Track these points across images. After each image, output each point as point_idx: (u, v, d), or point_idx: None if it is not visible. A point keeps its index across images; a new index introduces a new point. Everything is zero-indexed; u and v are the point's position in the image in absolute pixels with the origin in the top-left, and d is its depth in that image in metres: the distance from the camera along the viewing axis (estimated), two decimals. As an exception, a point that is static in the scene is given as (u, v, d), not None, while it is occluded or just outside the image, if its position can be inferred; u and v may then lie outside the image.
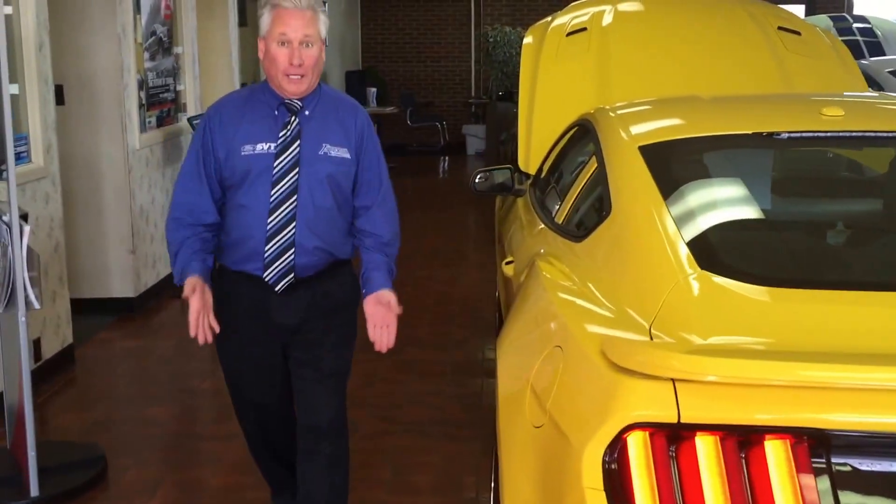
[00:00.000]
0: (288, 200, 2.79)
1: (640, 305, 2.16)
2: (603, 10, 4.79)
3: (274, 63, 2.75)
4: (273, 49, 2.74)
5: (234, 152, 2.80)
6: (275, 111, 2.81)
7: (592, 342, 2.03)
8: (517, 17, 14.65)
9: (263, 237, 2.80)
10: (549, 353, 2.20)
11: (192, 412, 4.62)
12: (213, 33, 8.20)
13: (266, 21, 2.76)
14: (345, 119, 2.90)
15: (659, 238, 2.37)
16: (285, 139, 2.80)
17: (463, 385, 4.82)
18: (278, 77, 2.75)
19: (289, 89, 2.77)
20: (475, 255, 7.76)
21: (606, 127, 3.15)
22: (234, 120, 2.82)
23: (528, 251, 3.33)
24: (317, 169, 2.82)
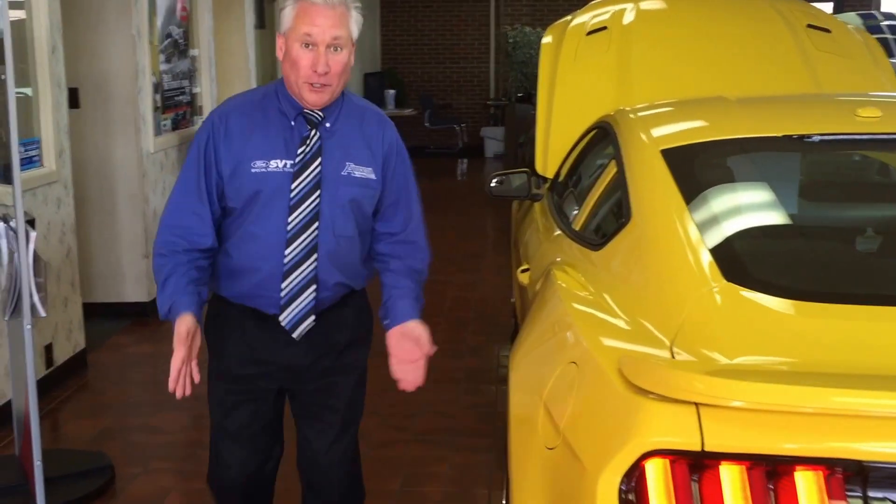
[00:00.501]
0: (309, 228, 2.34)
1: (661, 319, 2.03)
2: (624, 8, 4.65)
3: (295, 67, 2.30)
4: (295, 51, 2.28)
5: (243, 169, 2.33)
6: (292, 122, 2.37)
7: (609, 359, 1.89)
8: (537, 17, 14.48)
9: (278, 272, 2.36)
10: (564, 369, 2.07)
11: (202, 420, 4.48)
12: (230, 35, 8.11)
13: (289, 16, 2.31)
14: (371, 133, 2.46)
15: (681, 247, 2.23)
16: (304, 156, 2.34)
17: (477, 393, 4.68)
18: (298, 84, 2.31)
19: (309, 99, 2.33)
20: (493, 258, 7.62)
21: (627, 129, 3.01)
22: (244, 129, 2.35)
23: (544, 258, 3.19)
24: (339, 192, 2.38)
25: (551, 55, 4.63)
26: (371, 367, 4.98)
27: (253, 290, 2.41)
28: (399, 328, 2.49)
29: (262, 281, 2.38)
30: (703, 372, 1.64)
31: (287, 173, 2.34)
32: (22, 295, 3.43)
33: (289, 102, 2.37)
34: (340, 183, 2.38)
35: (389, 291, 2.53)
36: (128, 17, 5.81)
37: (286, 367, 2.49)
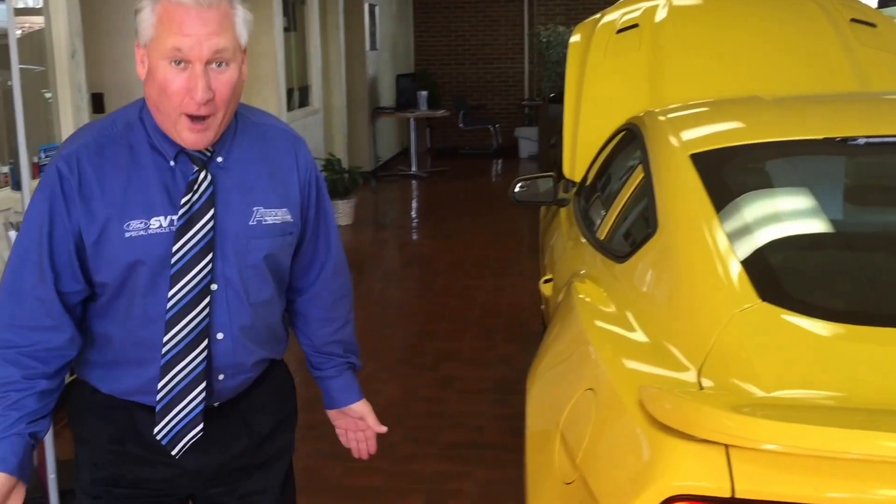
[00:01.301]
0: (194, 308, 1.72)
1: (687, 342, 1.83)
2: (656, 5, 4.44)
3: (164, 95, 1.63)
4: (161, 71, 1.62)
5: (113, 233, 1.68)
6: (171, 161, 1.71)
7: (628, 388, 1.70)
8: (571, 16, 14.23)
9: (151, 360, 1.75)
10: (581, 395, 1.88)
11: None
12: (258, 38, 7.98)
13: (147, 20, 1.63)
14: (281, 160, 1.84)
15: (710, 261, 2.03)
16: (190, 207, 1.70)
17: (505, 405, 4.49)
18: (171, 118, 1.66)
19: (188, 142, 1.68)
20: (526, 263, 7.41)
21: (654, 132, 2.81)
22: (106, 179, 1.68)
23: (566, 268, 3.00)
24: (250, 248, 1.76)
25: (580, 54, 4.43)
26: (398, 378, 4.86)
27: (143, 386, 1.77)
28: (339, 411, 2.17)
29: (155, 376, 1.75)
30: (735, 410, 1.44)
31: (173, 233, 1.70)
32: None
33: (162, 137, 1.71)
34: (250, 237, 1.77)
35: (318, 369, 2.11)
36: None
37: (194, 471, 1.88)
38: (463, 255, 7.68)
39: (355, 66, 11.45)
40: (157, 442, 1.79)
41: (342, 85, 10.77)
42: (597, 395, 1.81)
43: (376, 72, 12.40)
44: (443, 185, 11.62)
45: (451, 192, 11.14)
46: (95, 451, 1.86)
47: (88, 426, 1.86)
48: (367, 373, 5.07)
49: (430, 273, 7.21)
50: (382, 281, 7.09)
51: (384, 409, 4.53)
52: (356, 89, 11.53)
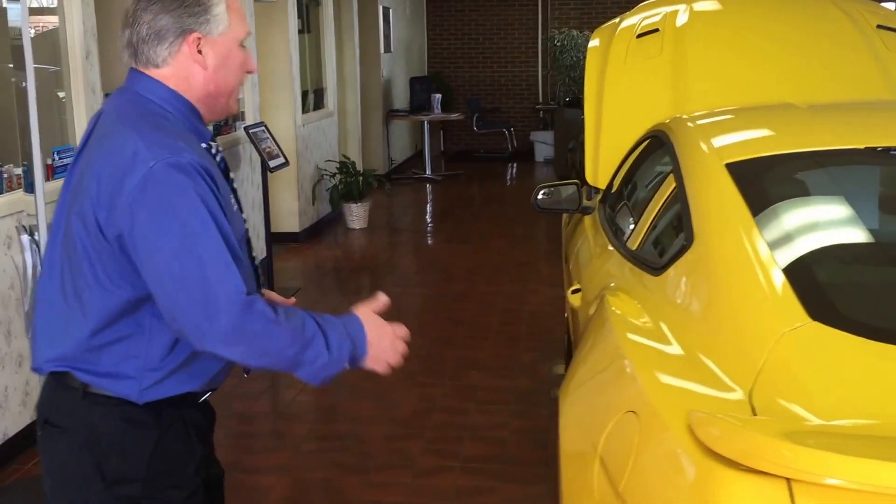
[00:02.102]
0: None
1: (734, 363, 1.74)
2: (677, 9, 4.34)
3: (239, 73, 1.84)
4: (236, 54, 1.82)
5: (230, 209, 1.81)
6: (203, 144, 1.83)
7: (675, 413, 1.62)
8: (585, 20, 14.15)
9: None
10: (622, 418, 1.79)
11: (242, 439, 4.29)
12: (273, 40, 7.93)
13: (224, 15, 1.78)
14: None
15: (753, 276, 1.94)
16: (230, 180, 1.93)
17: (528, 417, 4.40)
18: (234, 92, 1.87)
19: (235, 108, 1.92)
20: (545, 269, 7.33)
21: (685, 140, 2.73)
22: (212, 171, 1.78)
23: (596, 279, 2.92)
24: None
25: (599, 59, 4.34)
26: (418, 386, 4.77)
27: (219, 365, 1.88)
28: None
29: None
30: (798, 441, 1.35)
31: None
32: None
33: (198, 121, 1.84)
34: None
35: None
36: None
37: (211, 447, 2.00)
38: (480, 261, 7.59)
39: (369, 68, 11.38)
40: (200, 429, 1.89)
41: (356, 87, 10.71)
42: (639, 419, 1.72)
43: (390, 74, 12.33)
44: (457, 188, 11.54)
45: (466, 196, 11.06)
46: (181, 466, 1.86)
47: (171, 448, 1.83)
48: (387, 382, 4.98)
49: (447, 279, 7.12)
50: (399, 286, 7.01)
51: (403, 421, 4.48)
52: (370, 92, 11.46)
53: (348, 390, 4.80)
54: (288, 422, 4.44)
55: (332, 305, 6.45)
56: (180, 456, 1.84)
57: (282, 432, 4.30)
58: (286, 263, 7.52)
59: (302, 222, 8.32)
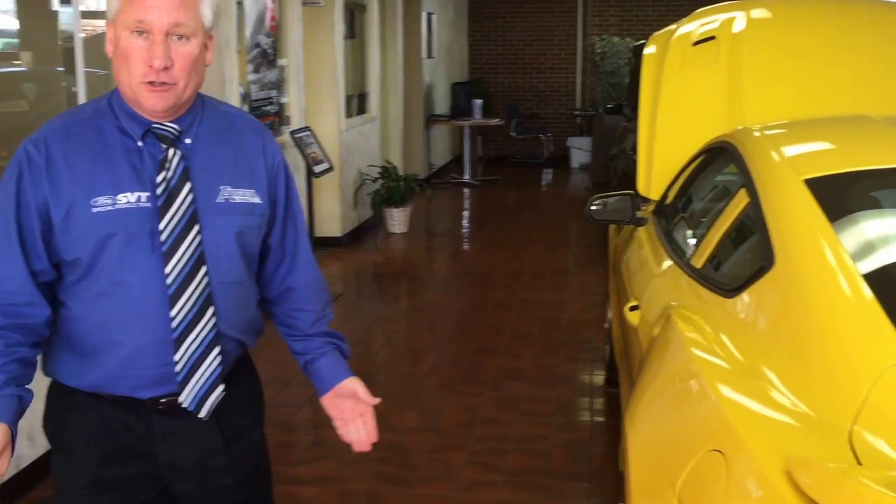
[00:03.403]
0: (196, 275, 1.73)
1: (830, 400, 1.56)
2: (734, 16, 4.14)
3: (126, 62, 1.65)
4: (125, 41, 1.65)
5: (80, 209, 1.67)
6: (138, 142, 1.72)
7: (771, 457, 1.44)
8: (625, 27, 13.93)
9: (159, 340, 1.72)
10: (705, 457, 1.62)
11: (283, 448, 4.14)
12: (320, 44, 7.80)
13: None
14: (248, 146, 1.84)
15: (845, 304, 1.76)
16: (167, 183, 1.71)
17: (570, 429, 4.22)
18: (132, 86, 1.67)
19: (147, 103, 1.68)
20: (583, 276, 7.13)
21: (757, 153, 2.54)
22: (73, 159, 1.69)
23: (658, 296, 2.74)
24: (218, 225, 1.76)
25: (654, 67, 4.14)
26: (460, 396, 4.61)
27: (116, 370, 1.73)
28: (330, 394, 1.99)
29: (130, 356, 1.72)
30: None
31: (144, 208, 1.70)
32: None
33: (130, 116, 1.72)
34: (216, 213, 1.76)
35: (304, 355, 2.00)
36: (216, 28, 5.51)
37: (167, 465, 1.83)
38: (519, 267, 7.41)
39: (412, 73, 11.24)
40: (131, 438, 1.80)
41: (399, 92, 10.57)
42: (727, 460, 1.54)
43: (432, 79, 12.18)
44: (496, 193, 11.36)
45: (504, 202, 10.88)
46: (79, 456, 1.83)
47: (69, 430, 1.83)
48: (428, 390, 4.85)
49: (487, 285, 6.95)
50: (440, 292, 6.85)
51: (446, 431, 4.32)
52: (412, 97, 11.32)
53: (389, 399, 4.64)
54: (330, 431, 4.20)
55: (372, 310, 6.31)
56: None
57: (324, 441, 4.15)
58: (328, 268, 7.38)
59: (344, 227, 8.19)
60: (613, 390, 4.60)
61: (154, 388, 1.76)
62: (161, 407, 1.78)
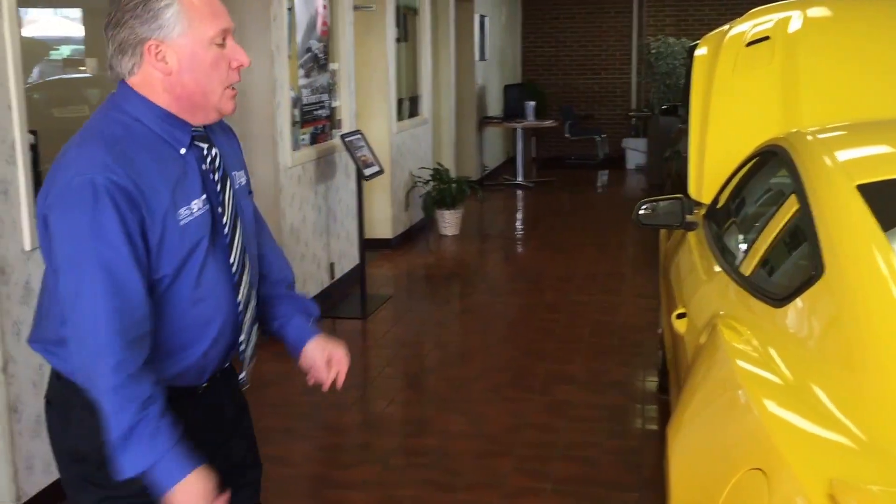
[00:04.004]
0: (245, 263, 1.86)
1: (879, 420, 1.49)
2: (789, 15, 4.02)
3: (216, 71, 1.72)
4: (210, 54, 1.71)
5: (171, 226, 1.70)
6: (182, 150, 1.76)
7: (814, 478, 1.37)
8: (682, 27, 13.73)
9: (233, 325, 1.84)
10: (745, 476, 1.55)
11: (329, 451, 4.15)
12: (371, 48, 7.81)
13: (176, 18, 1.69)
14: (231, 139, 1.97)
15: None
16: (219, 176, 1.82)
17: (621, 436, 4.14)
18: (218, 92, 1.74)
19: (228, 109, 1.77)
20: (637, 279, 7.03)
21: (808, 157, 2.45)
22: (143, 179, 1.67)
23: (705, 304, 2.66)
24: (245, 208, 1.90)
25: (706, 68, 4.05)
26: (507, 401, 4.56)
27: (196, 361, 1.80)
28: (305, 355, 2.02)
29: (212, 346, 1.81)
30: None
31: (207, 210, 1.77)
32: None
33: (171, 127, 1.75)
34: (242, 197, 1.90)
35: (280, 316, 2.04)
36: (267, 33, 5.56)
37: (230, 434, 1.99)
38: (571, 270, 7.34)
39: (464, 75, 11.21)
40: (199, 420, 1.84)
41: (451, 95, 10.54)
42: (769, 480, 1.48)
43: (485, 82, 12.14)
44: (549, 195, 11.27)
45: (557, 203, 10.79)
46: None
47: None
48: (475, 394, 4.81)
49: (537, 288, 6.89)
50: (489, 295, 6.81)
51: (493, 437, 4.27)
52: (464, 99, 11.29)
53: (437, 402, 4.62)
54: (377, 434, 4.27)
55: (422, 312, 6.29)
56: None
57: (371, 445, 4.14)
58: (378, 270, 7.39)
59: (395, 229, 8.19)
60: (666, 397, 4.51)
61: (213, 371, 1.86)
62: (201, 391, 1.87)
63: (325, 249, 6.52)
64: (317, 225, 6.35)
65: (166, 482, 1.64)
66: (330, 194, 6.60)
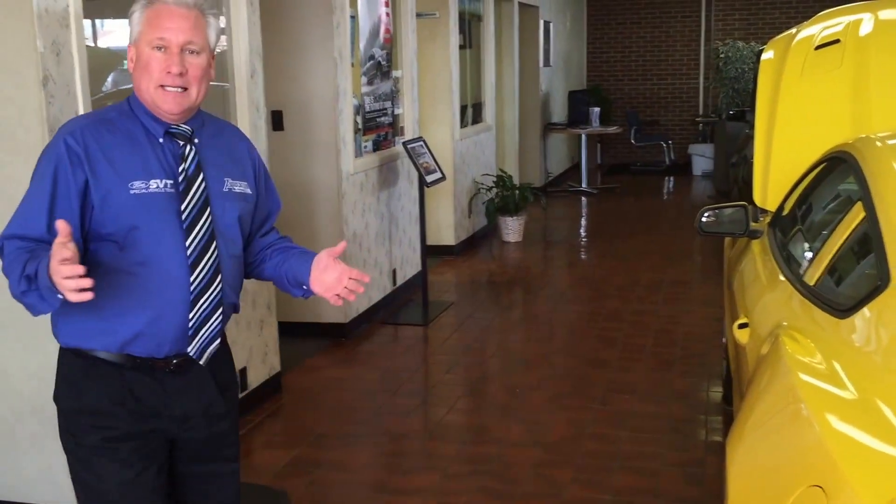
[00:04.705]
0: (209, 250, 2.09)
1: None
2: (860, 18, 3.92)
3: (146, 71, 2.02)
4: (146, 54, 2.02)
5: (118, 191, 2.00)
6: (159, 139, 2.07)
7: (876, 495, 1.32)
8: (751, 31, 13.51)
9: (179, 301, 2.06)
10: (805, 492, 1.51)
11: (388, 458, 4.15)
12: (434, 55, 7.83)
13: (137, 21, 2.04)
14: (236, 148, 2.25)
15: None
16: (185, 173, 2.07)
17: (683, 449, 4.06)
18: (150, 91, 2.03)
19: (165, 105, 2.03)
20: (701, 288, 6.91)
21: (876, 163, 2.38)
22: (108, 150, 2.02)
23: (767, 315, 2.60)
24: (226, 209, 2.14)
25: (773, 72, 3.96)
26: (567, 410, 4.51)
27: (145, 328, 2.05)
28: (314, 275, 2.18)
29: (158, 314, 2.05)
30: None
31: (170, 193, 2.05)
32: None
33: (151, 118, 2.09)
34: (225, 200, 2.15)
35: (284, 261, 2.27)
36: (330, 41, 5.60)
37: (181, 416, 2.17)
38: (634, 278, 7.25)
39: (528, 82, 11.17)
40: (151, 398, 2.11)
41: (515, 101, 10.52)
42: (828, 498, 1.43)
43: (549, 88, 12.08)
44: (613, 202, 11.16)
45: (621, 210, 10.68)
46: (97, 415, 2.10)
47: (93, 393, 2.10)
48: (535, 404, 4.78)
49: (599, 296, 6.82)
50: (551, 302, 6.76)
51: (552, 446, 4.23)
52: (528, 105, 11.25)
53: (497, 411, 4.60)
54: (437, 441, 4.26)
55: (484, 319, 6.27)
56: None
57: (430, 452, 4.13)
58: (441, 276, 7.39)
59: (457, 235, 8.19)
60: (731, 408, 4.42)
61: (172, 344, 2.08)
62: (172, 367, 2.11)
63: (388, 256, 6.55)
64: (379, 231, 6.38)
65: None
66: (392, 201, 6.63)
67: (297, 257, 2.25)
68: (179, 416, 2.16)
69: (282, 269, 2.27)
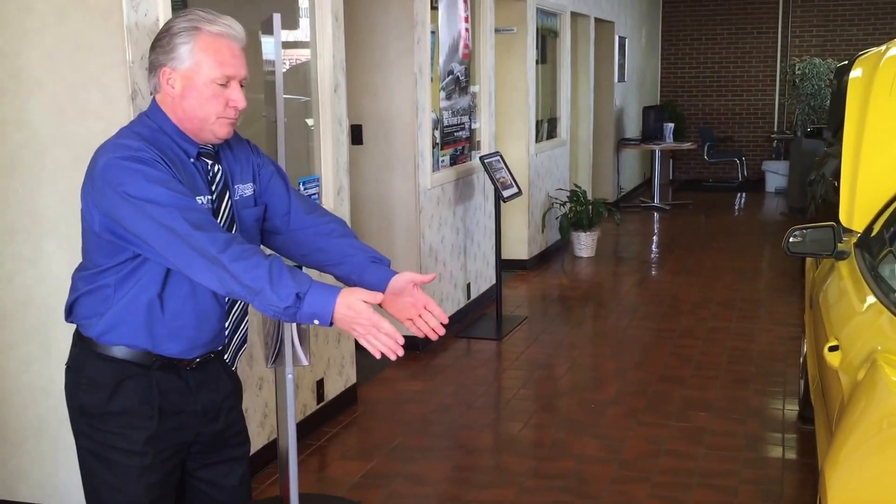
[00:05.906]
0: None
1: None
2: (952, 36, 3.81)
3: (210, 103, 2.07)
4: (210, 89, 2.07)
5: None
6: (192, 159, 2.13)
7: None
8: (828, 47, 13.22)
9: (217, 312, 2.17)
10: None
11: (463, 472, 4.13)
12: (511, 70, 7.82)
13: (189, 53, 2.06)
14: (239, 150, 2.29)
15: None
16: (218, 189, 2.16)
17: (760, 466, 3.97)
18: (210, 120, 2.09)
19: (220, 133, 2.11)
20: (776, 305, 6.76)
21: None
22: (171, 165, 2.08)
23: (860, 338, 2.52)
24: (244, 217, 2.23)
25: (861, 91, 3.87)
26: (643, 426, 4.44)
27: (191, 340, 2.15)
28: (387, 297, 2.13)
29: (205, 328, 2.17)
30: None
31: (209, 209, 2.12)
32: (284, 343, 3.20)
33: (186, 140, 2.13)
34: (241, 207, 2.23)
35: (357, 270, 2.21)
36: (411, 56, 5.63)
37: (202, 410, 2.24)
38: (708, 295, 7.12)
39: (603, 97, 11.09)
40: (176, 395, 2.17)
41: (589, 116, 10.45)
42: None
43: (623, 103, 11.99)
44: (685, 218, 11.01)
45: (694, 226, 10.52)
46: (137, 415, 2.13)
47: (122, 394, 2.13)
48: (610, 418, 4.71)
49: (673, 312, 6.71)
50: (625, 318, 6.67)
51: (629, 462, 4.16)
52: (602, 120, 11.17)
53: (571, 426, 4.55)
54: (511, 456, 4.23)
55: (557, 334, 6.22)
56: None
57: (505, 467, 4.10)
58: (514, 290, 7.36)
59: (531, 250, 8.15)
60: (808, 427, 4.31)
61: (203, 348, 2.18)
62: (194, 366, 2.18)
63: (462, 270, 6.54)
64: (455, 245, 6.38)
65: (326, 303, 1.87)
66: (468, 215, 6.62)
67: (373, 272, 2.19)
68: (200, 411, 2.23)
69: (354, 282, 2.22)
